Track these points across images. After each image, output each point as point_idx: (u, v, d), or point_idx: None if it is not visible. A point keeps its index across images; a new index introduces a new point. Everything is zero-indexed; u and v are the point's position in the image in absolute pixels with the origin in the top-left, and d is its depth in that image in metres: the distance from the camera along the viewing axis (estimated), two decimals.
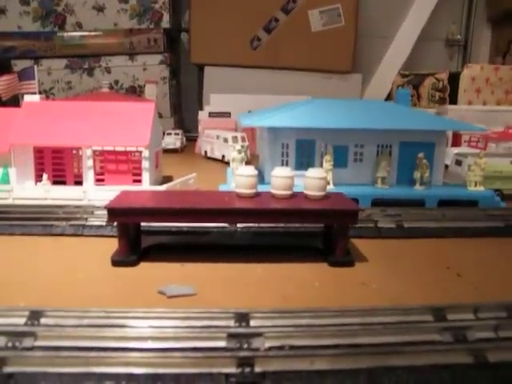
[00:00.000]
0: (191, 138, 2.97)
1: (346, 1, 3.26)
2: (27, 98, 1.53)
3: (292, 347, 0.62)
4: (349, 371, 0.60)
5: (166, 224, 1.07)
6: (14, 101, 2.17)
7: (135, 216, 0.95)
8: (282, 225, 1.09)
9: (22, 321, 0.67)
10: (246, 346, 0.62)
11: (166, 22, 3.36)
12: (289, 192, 0.98)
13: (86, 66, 3.39)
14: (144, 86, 2.99)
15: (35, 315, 0.68)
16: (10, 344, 0.62)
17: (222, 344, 0.62)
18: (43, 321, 0.67)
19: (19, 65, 3.22)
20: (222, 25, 3.19)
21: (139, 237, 1.01)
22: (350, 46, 3.31)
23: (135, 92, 3.40)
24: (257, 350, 0.61)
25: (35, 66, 2.00)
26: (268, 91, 2.94)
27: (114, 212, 0.94)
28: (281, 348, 0.62)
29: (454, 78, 3.16)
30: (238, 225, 1.08)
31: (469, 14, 3.79)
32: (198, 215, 0.95)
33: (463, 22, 3.82)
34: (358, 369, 0.60)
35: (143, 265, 0.96)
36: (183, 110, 3.74)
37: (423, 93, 3.30)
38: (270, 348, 0.61)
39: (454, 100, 3.12)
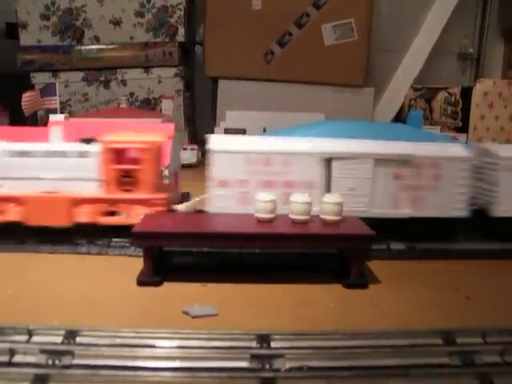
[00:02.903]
0: (205, 152, 3.01)
1: (359, 15, 3.29)
2: (52, 118, 1.59)
3: (310, 368, 0.67)
4: None
5: None
6: (32, 117, 2.23)
7: (160, 240, 1.01)
8: None
9: (59, 339, 0.72)
10: (267, 366, 0.67)
11: (181, 36, 3.41)
12: (307, 217, 1.03)
13: (102, 79, 3.46)
14: (159, 99, 3.04)
15: (71, 334, 0.73)
16: (50, 362, 0.67)
17: (245, 364, 0.67)
18: (79, 340, 0.72)
19: (38, 78, 3.30)
20: (236, 38, 3.24)
21: (162, 258, 1.06)
22: (362, 60, 3.34)
23: (150, 104, 3.46)
24: (278, 370, 0.66)
25: (57, 83, 2.07)
26: (281, 104, 2.98)
27: (139, 236, 1.00)
28: (300, 369, 0.67)
29: (466, 93, 3.19)
30: None
31: (481, 28, 3.81)
32: (219, 240, 1.01)
33: (476, 35, 3.85)
34: None
35: (166, 285, 1.01)
36: (196, 122, 3.80)
37: (435, 107, 3.34)
38: (291, 369, 0.66)
39: (466, 114, 3.15)
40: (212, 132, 2.84)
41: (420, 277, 1.11)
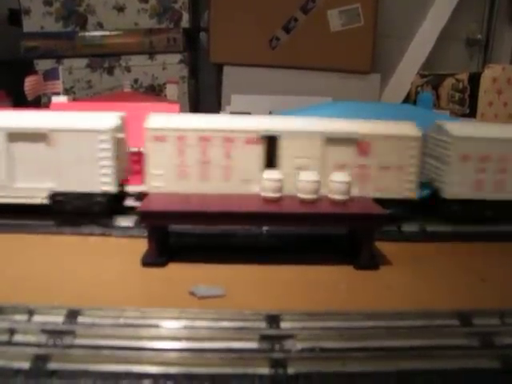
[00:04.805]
0: None
1: (366, 1, 3.24)
2: (55, 99, 1.56)
3: (323, 349, 0.64)
4: (379, 373, 0.62)
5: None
6: (35, 100, 2.21)
7: (166, 219, 0.99)
8: None
9: (60, 319, 0.70)
10: (278, 347, 0.64)
11: (185, 22, 3.37)
12: (315, 196, 1.00)
13: (106, 65, 3.42)
14: (164, 85, 3.01)
15: (73, 314, 0.70)
16: (50, 341, 0.64)
17: (254, 345, 0.64)
18: (80, 319, 0.70)
19: (41, 64, 3.26)
20: (241, 24, 3.19)
21: (167, 238, 1.03)
22: (368, 46, 3.29)
23: (154, 91, 3.42)
24: (288, 351, 0.63)
25: (60, 67, 2.04)
26: (286, 91, 2.94)
27: (145, 215, 0.97)
28: (312, 350, 0.64)
29: (474, 79, 3.13)
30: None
31: (490, 13, 3.75)
32: (226, 219, 0.98)
33: (484, 21, 3.78)
34: (388, 371, 0.62)
35: (172, 266, 0.98)
36: (201, 108, 3.76)
37: (443, 93, 3.28)
38: (302, 350, 0.63)
39: (474, 101, 3.10)
40: None
41: (432, 259, 1.08)
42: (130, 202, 1.24)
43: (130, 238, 1.12)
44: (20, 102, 1.99)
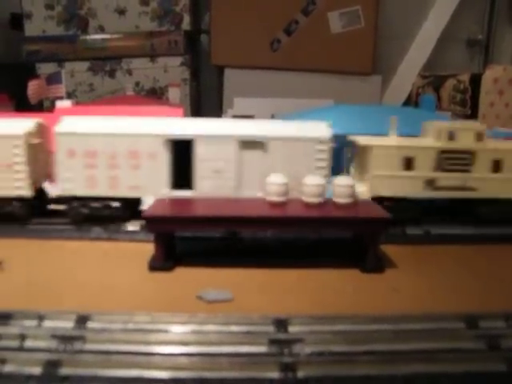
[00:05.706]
0: None
1: (366, 2, 3.24)
2: (59, 104, 1.57)
3: (331, 353, 0.65)
4: (386, 377, 0.62)
5: None
6: (38, 104, 2.22)
7: (172, 224, 0.99)
8: None
9: (70, 324, 0.70)
10: (287, 351, 0.64)
11: (186, 24, 3.38)
12: (320, 199, 1.01)
13: (107, 69, 3.43)
14: (165, 87, 3.02)
15: (82, 319, 0.71)
16: (61, 347, 0.65)
17: (263, 349, 0.65)
18: (90, 325, 0.70)
19: (43, 68, 3.27)
20: (242, 27, 3.21)
21: (174, 242, 1.04)
22: (369, 47, 3.30)
23: (156, 93, 3.43)
24: (298, 355, 0.64)
25: (63, 71, 2.05)
26: (288, 93, 2.95)
27: (151, 221, 0.98)
28: (321, 354, 0.64)
29: (475, 80, 3.14)
30: None
31: (491, 14, 3.75)
32: (232, 223, 0.99)
33: (485, 21, 3.79)
34: (395, 375, 0.63)
35: (178, 270, 0.99)
36: (202, 111, 3.77)
37: (444, 94, 3.28)
38: (311, 354, 0.64)
39: (475, 102, 3.10)
40: None
41: (437, 261, 1.08)
42: None
43: (137, 243, 1.13)
44: (22, 105, 2.00)
